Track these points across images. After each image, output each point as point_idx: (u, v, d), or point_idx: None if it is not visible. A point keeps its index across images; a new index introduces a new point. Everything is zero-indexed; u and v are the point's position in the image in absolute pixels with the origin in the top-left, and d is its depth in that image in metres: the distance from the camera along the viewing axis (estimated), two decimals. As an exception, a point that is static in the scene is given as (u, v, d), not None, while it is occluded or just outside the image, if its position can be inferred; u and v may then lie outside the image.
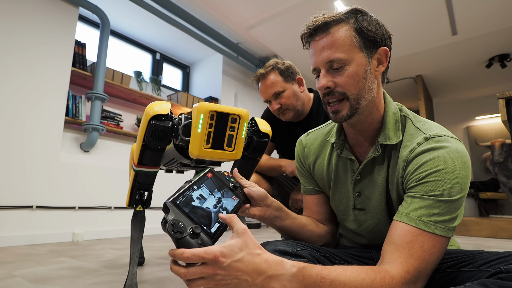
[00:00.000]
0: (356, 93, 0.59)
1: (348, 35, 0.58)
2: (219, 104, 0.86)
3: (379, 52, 0.61)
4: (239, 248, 0.43)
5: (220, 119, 0.83)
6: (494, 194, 4.27)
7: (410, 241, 0.51)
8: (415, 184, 0.55)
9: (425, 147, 0.56)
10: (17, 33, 2.15)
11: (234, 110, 0.85)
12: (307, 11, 2.97)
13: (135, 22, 3.18)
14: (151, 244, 2.13)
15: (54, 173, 2.23)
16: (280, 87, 1.26)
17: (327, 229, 0.77)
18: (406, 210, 0.54)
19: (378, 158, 0.64)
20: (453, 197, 0.52)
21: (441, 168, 0.53)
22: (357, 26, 0.59)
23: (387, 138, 0.62)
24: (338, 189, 0.73)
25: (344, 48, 0.58)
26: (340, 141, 0.69)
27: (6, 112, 2.04)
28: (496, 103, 5.05)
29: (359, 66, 0.58)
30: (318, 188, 0.78)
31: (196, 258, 0.41)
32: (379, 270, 0.48)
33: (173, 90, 3.76)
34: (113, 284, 1.09)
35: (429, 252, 0.50)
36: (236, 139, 0.86)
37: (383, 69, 0.62)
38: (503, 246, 2.27)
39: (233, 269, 0.41)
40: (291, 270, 0.44)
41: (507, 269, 0.45)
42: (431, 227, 0.51)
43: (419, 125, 0.62)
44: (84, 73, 2.49)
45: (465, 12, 3.00)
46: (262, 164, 1.33)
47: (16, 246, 1.93)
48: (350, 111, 0.60)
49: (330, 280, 0.45)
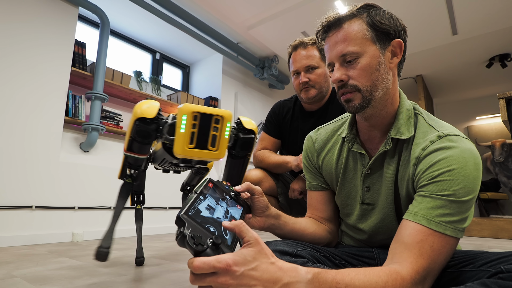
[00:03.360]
0: (369, 84, 0.60)
1: (361, 29, 0.60)
2: (203, 106, 0.90)
3: (393, 44, 0.61)
4: (253, 257, 0.41)
5: (203, 120, 0.88)
6: (495, 194, 4.27)
7: (420, 240, 0.51)
8: (427, 182, 0.55)
9: (438, 146, 0.56)
10: (17, 33, 2.15)
11: (216, 111, 0.90)
12: (307, 11, 2.97)
13: (135, 22, 3.18)
14: (151, 244, 2.13)
15: (54, 173, 2.22)
16: (316, 63, 1.24)
17: (328, 229, 0.77)
18: (417, 209, 0.54)
19: (389, 153, 0.64)
20: (465, 197, 0.52)
21: (454, 167, 0.53)
22: (369, 20, 0.60)
23: (399, 132, 0.62)
24: (346, 184, 0.72)
25: (357, 41, 0.59)
26: (352, 135, 0.69)
27: (5, 112, 2.04)
28: (496, 103, 5.05)
29: (372, 58, 0.59)
30: (324, 184, 0.78)
31: (207, 267, 0.38)
32: (390, 272, 0.48)
33: (173, 90, 3.76)
34: (113, 284, 1.08)
35: (439, 252, 0.50)
36: (220, 139, 0.91)
37: (398, 61, 0.62)
38: (504, 246, 2.27)
39: (246, 278, 0.40)
40: (307, 277, 0.44)
41: (507, 269, 0.44)
42: (441, 227, 0.51)
43: (432, 123, 0.62)
44: (84, 73, 2.49)
45: (465, 12, 3.00)
46: (268, 161, 1.32)
47: (15, 246, 1.93)
48: (362, 101, 0.61)
49: (345, 285, 0.45)
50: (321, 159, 0.77)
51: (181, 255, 1.71)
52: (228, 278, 0.39)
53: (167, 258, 1.60)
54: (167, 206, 2.98)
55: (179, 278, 1.19)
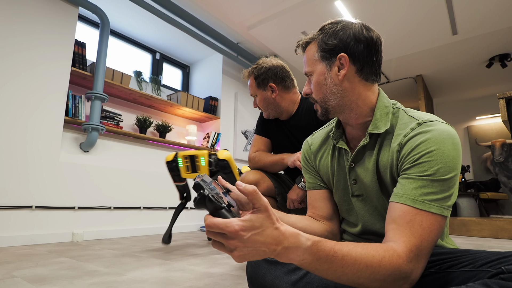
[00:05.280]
0: (321, 97, 0.72)
1: (312, 52, 0.72)
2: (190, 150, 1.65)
3: (338, 58, 0.68)
4: (260, 223, 0.45)
5: (191, 158, 1.88)
6: (495, 194, 4.27)
7: (409, 220, 0.54)
8: (409, 165, 0.59)
9: (418, 131, 0.61)
10: (17, 33, 2.15)
11: (196, 152, 1.87)
12: (307, 11, 2.98)
13: (135, 22, 3.18)
14: (151, 244, 2.13)
15: (54, 173, 2.22)
16: (253, 92, 1.40)
17: (328, 228, 0.78)
18: (401, 191, 0.58)
19: (368, 146, 0.70)
20: (445, 176, 0.56)
21: (433, 149, 0.57)
22: (318, 43, 0.71)
23: (376, 127, 0.67)
24: (340, 181, 0.77)
25: (310, 62, 0.73)
26: (338, 133, 0.77)
27: (5, 112, 2.04)
28: (496, 103, 5.05)
29: (319, 75, 0.71)
30: (323, 183, 0.82)
31: (215, 228, 0.44)
32: (387, 248, 0.51)
33: (173, 90, 3.76)
34: (113, 284, 1.08)
35: (428, 230, 0.53)
36: (201, 167, 1.86)
37: (344, 72, 0.68)
38: (504, 246, 2.27)
39: (252, 241, 0.44)
40: (306, 243, 0.47)
41: (508, 269, 0.44)
42: (426, 206, 0.54)
43: (412, 114, 0.67)
44: (83, 73, 2.49)
45: (465, 12, 3.00)
46: (264, 161, 1.37)
47: (15, 246, 1.93)
48: (321, 110, 0.73)
49: (342, 255, 0.48)
50: (317, 160, 0.83)
51: (181, 255, 1.71)
52: (236, 241, 0.44)
53: (167, 258, 1.60)
54: (167, 206, 2.98)
55: (179, 278, 1.19)
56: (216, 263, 1.51)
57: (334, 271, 0.48)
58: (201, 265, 1.44)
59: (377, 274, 0.49)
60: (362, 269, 0.48)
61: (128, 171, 2.72)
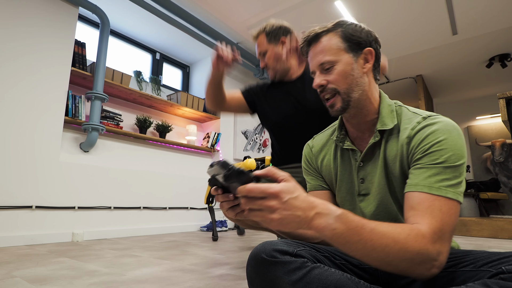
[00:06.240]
0: (345, 87, 0.69)
1: (335, 41, 0.70)
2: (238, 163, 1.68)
3: (364, 52, 0.70)
4: (294, 188, 0.49)
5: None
6: (495, 194, 4.27)
7: (429, 206, 0.55)
8: (420, 155, 0.61)
9: (424, 124, 0.64)
10: (17, 33, 2.15)
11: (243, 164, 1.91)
12: (307, 11, 2.98)
13: (135, 22, 3.18)
14: (151, 244, 2.13)
15: (54, 173, 2.22)
16: (264, 48, 1.37)
17: None
18: (416, 181, 0.59)
19: (377, 144, 0.71)
20: (456, 162, 0.58)
21: (442, 138, 0.59)
22: (342, 34, 0.70)
23: (384, 124, 0.69)
24: (344, 180, 0.77)
25: (332, 52, 0.70)
26: (341, 135, 0.77)
27: (5, 112, 2.04)
28: (496, 103, 5.06)
29: (346, 64, 0.69)
30: (325, 185, 0.83)
31: (258, 191, 0.46)
32: (412, 227, 0.52)
33: (173, 90, 3.76)
34: (113, 284, 1.08)
35: (448, 214, 0.54)
36: None
37: (370, 66, 0.71)
38: (504, 246, 2.27)
39: (289, 205, 0.47)
40: (337, 211, 0.50)
41: (508, 269, 0.45)
42: (442, 191, 0.55)
43: (415, 111, 0.70)
44: (83, 73, 2.49)
45: (465, 12, 3.00)
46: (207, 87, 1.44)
47: (15, 246, 1.93)
48: (343, 103, 0.70)
49: (370, 228, 0.50)
50: (319, 161, 0.84)
51: (182, 255, 1.71)
52: (276, 202, 0.46)
53: (167, 258, 1.60)
54: (167, 206, 2.98)
55: (179, 278, 1.19)
56: (216, 263, 1.51)
57: (364, 244, 0.49)
58: (201, 265, 1.44)
59: (406, 252, 0.49)
60: (390, 244, 0.49)
61: (128, 171, 2.72)
